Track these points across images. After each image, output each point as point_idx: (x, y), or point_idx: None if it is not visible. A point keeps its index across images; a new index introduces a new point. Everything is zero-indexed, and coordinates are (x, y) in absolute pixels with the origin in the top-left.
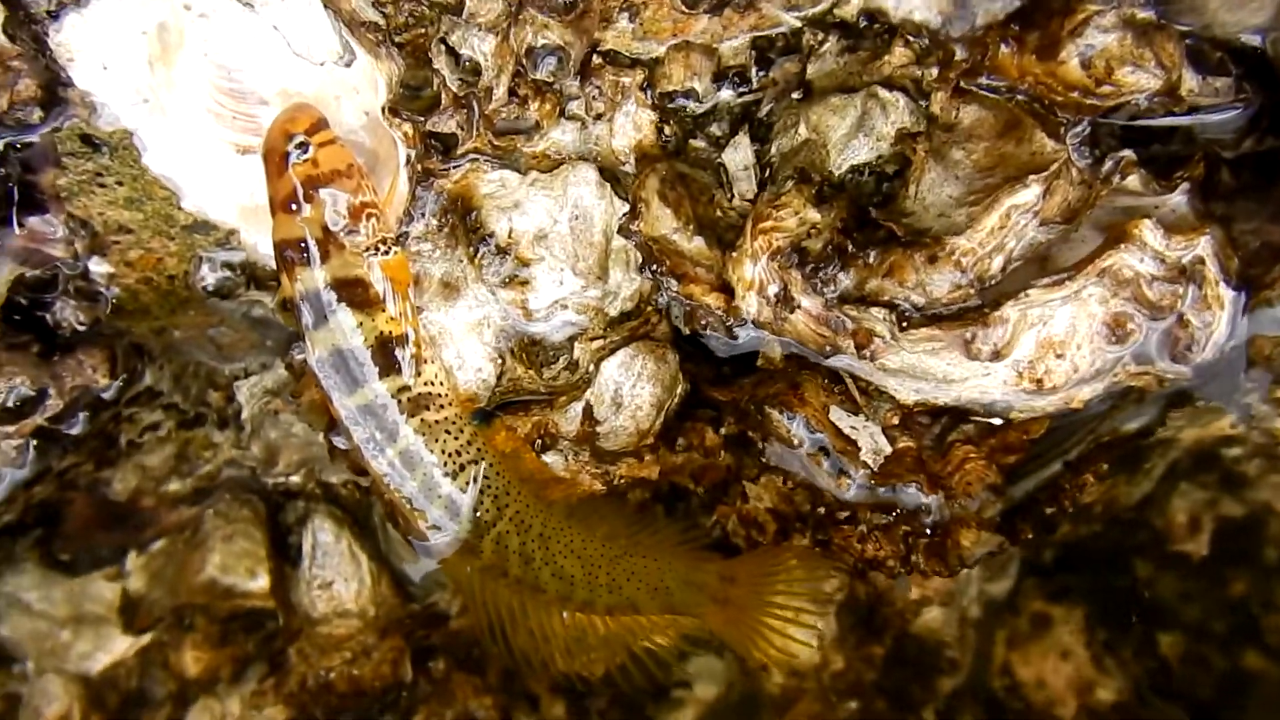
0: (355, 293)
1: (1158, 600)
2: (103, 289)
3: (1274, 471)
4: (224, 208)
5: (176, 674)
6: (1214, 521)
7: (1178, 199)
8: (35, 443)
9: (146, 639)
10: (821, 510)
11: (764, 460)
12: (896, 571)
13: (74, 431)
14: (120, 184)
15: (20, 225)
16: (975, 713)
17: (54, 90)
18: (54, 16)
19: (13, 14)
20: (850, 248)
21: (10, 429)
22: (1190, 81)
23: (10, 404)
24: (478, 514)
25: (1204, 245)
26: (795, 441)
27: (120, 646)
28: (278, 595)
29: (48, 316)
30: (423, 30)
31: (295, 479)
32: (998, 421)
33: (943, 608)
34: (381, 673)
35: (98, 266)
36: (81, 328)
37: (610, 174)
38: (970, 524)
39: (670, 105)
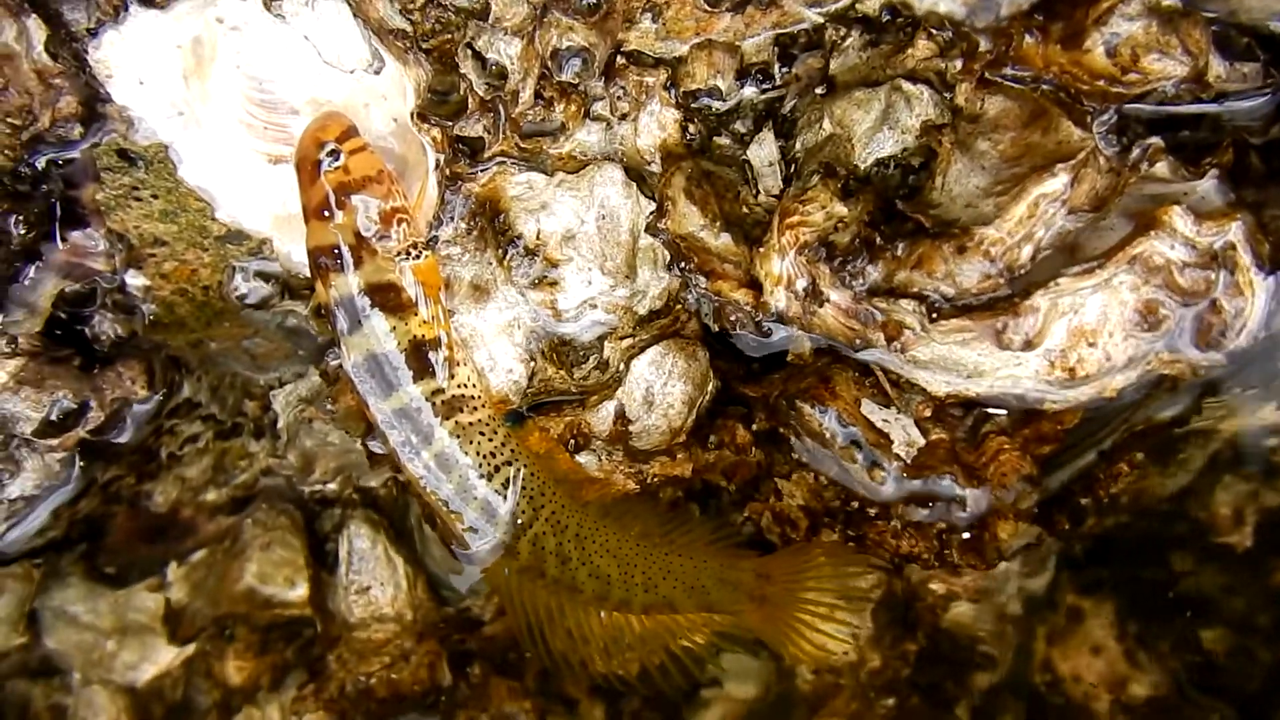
0: (388, 297)
1: (1200, 593)
2: (139, 302)
3: None
4: (257, 217)
5: (220, 683)
6: (1257, 514)
7: (1207, 185)
8: (80, 460)
9: (191, 649)
10: (854, 505)
11: (795, 457)
12: (932, 565)
13: (118, 442)
14: (155, 197)
15: (63, 240)
16: (1016, 709)
17: (93, 106)
18: (93, 34)
19: (54, 33)
20: (878, 240)
21: (54, 442)
22: (1217, 67)
23: (54, 417)
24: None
25: (1235, 231)
26: (828, 435)
27: (165, 657)
28: (315, 602)
29: (86, 330)
30: (449, 36)
31: (332, 486)
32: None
33: (976, 604)
34: (420, 677)
35: (134, 279)
36: (120, 341)
37: (636, 173)
38: (1007, 515)
39: (694, 104)
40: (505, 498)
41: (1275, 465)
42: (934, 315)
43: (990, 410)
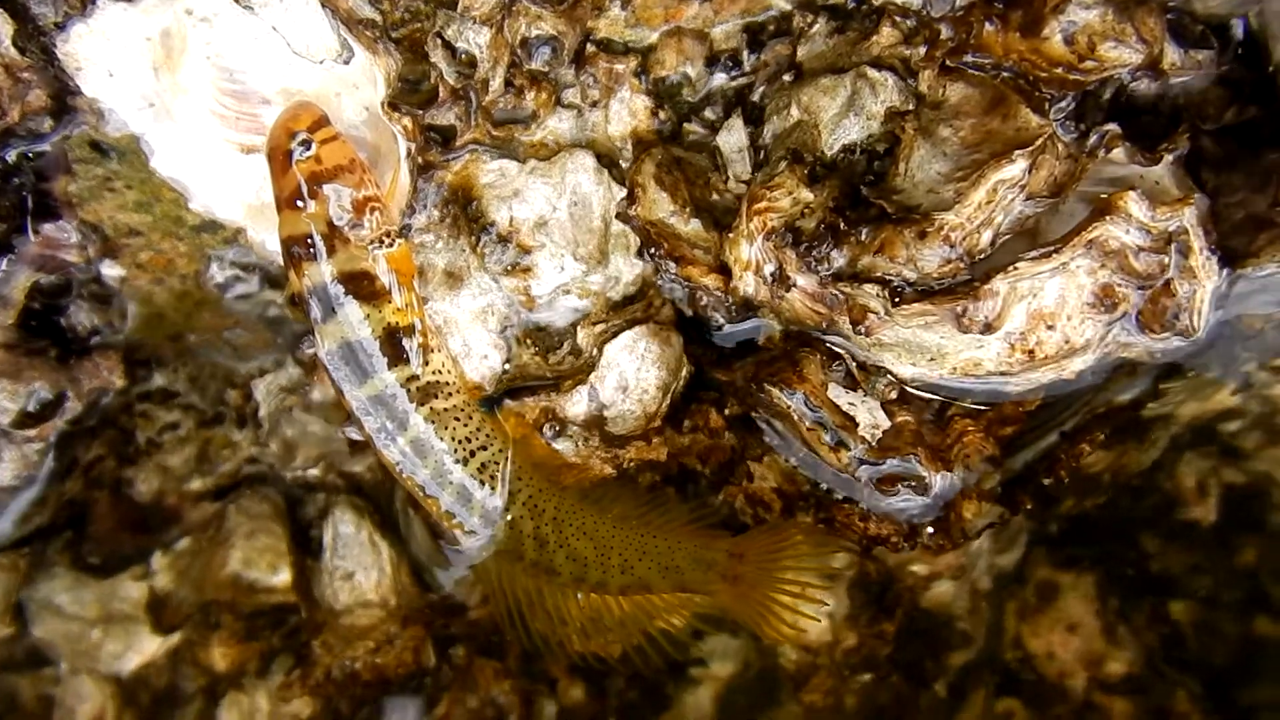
0: (361, 285)
1: (1168, 569)
2: (115, 292)
3: (1274, 443)
4: (231, 207)
5: (205, 670)
6: (1220, 488)
7: (1163, 170)
8: (58, 450)
9: (176, 638)
10: (823, 488)
11: (766, 440)
12: (900, 547)
13: (99, 431)
14: (129, 188)
15: (35, 232)
16: (990, 685)
17: (63, 99)
18: (61, 28)
19: (22, 26)
20: (843, 226)
21: (32, 433)
22: (1172, 55)
23: (31, 408)
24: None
25: (1189, 216)
26: (795, 417)
27: (150, 646)
28: (300, 589)
29: (62, 321)
30: (419, 25)
31: (314, 472)
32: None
33: (953, 581)
34: (405, 660)
35: (110, 270)
36: (96, 332)
37: (608, 160)
38: (971, 495)
39: (664, 90)
40: (483, 483)
41: (1233, 447)
42: (896, 299)
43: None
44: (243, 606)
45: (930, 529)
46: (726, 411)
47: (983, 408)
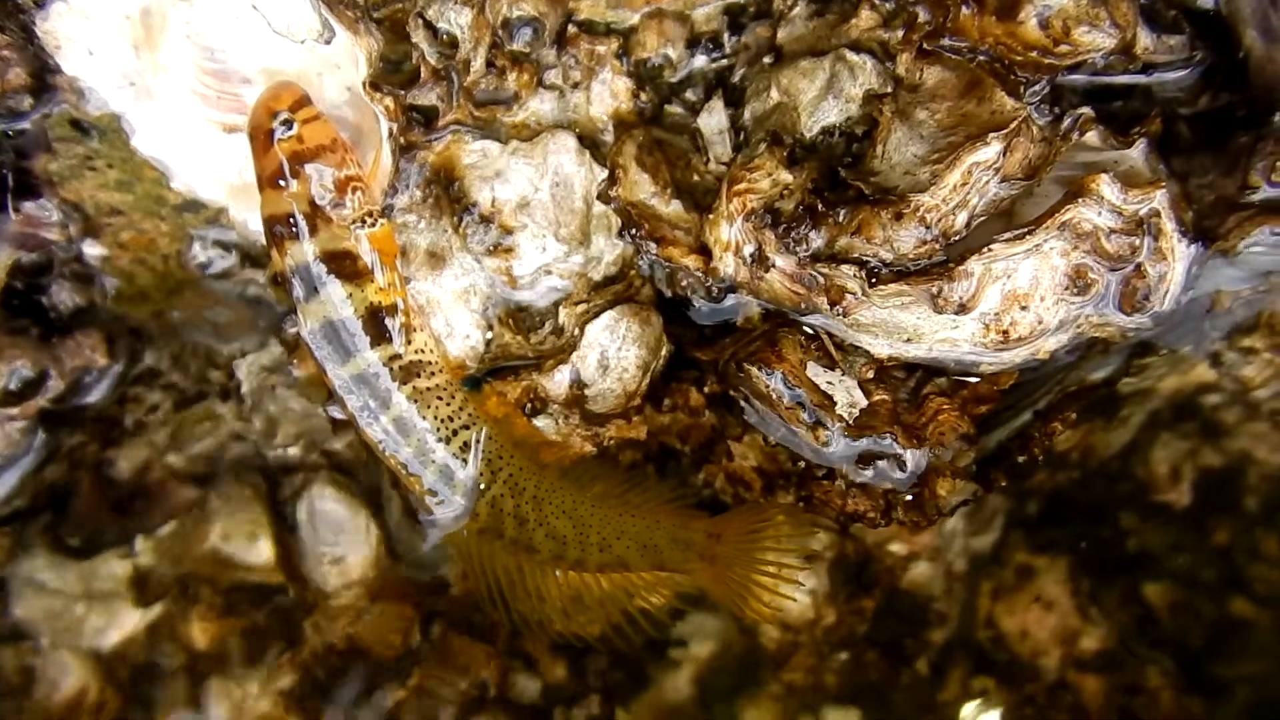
0: (344, 265)
1: (1145, 550)
2: (98, 271)
3: (1250, 419)
4: (213, 186)
5: (185, 646)
6: (1195, 471)
7: (1136, 154)
8: (42, 429)
9: (156, 612)
10: (801, 465)
11: (746, 419)
12: (877, 523)
13: (81, 408)
14: (110, 167)
15: (16, 211)
16: (965, 664)
17: (43, 77)
18: (40, 5)
19: (1, 4)
20: (821, 207)
21: (14, 411)
22: (1145, 40)
23: (13, 387)
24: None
25: (1160, 199)
26: (774, 397)
27: (132, 621)
28: (285, 567)
29: (44, 300)
30: (400, 5)
31: (294, 451)
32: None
33: (929, 562)
34: (389, 640)
35: (91, 249)
36: (78, 310)
37: (589, 141)
38: (945, 473)
39: (646, 72)
40: (465, 462)
41: (1213, 423)
42: (873, 280)
43: (931, 372)
44: (223, 582)
45: (905, 505)
46: (706, 390)
47: (957, 386)
